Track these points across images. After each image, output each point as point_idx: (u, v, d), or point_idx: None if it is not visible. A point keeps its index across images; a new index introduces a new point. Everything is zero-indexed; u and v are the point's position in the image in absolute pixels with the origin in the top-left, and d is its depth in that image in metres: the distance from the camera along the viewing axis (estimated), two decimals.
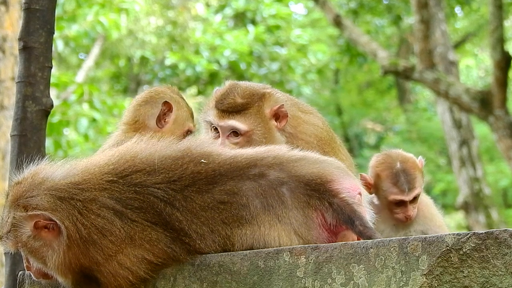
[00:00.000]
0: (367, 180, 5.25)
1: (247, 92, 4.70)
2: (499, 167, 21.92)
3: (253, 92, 4.72)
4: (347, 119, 29.76)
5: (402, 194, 5.23)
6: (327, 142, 4.87)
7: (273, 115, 4.69)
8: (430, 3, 17.39)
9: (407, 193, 5.22)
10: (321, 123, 4.92)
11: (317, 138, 4.83)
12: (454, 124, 18.80)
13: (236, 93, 4.70)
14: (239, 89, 4.72)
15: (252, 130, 4.63)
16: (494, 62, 16.22)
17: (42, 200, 3.80)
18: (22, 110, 5.03)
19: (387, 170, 5.27)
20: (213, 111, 4.69)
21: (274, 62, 23.98)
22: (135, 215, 3.78)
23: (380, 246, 3.49)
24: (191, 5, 24.33)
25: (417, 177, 5.27)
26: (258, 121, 4.66)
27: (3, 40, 10.20)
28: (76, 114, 16.12)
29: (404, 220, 5.28)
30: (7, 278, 4.93)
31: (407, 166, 5.28)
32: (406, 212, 5.26)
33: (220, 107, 4.66)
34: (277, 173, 3.84)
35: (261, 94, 4.71)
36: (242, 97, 4.68)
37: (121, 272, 3.77)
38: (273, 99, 4.71)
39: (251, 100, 4.68)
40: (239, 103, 4.66)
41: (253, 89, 4.75)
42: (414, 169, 5.28)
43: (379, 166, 5.32)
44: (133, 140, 4.02)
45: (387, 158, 5.35)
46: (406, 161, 5.30)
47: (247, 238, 3.78)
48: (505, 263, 3.33)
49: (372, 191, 5.30)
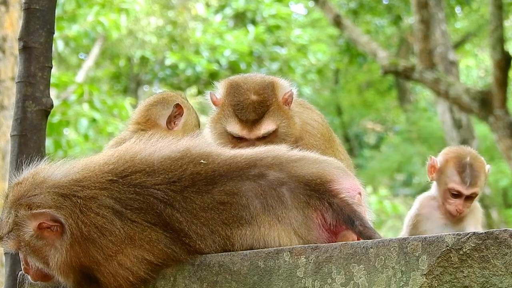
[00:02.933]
0: (434, 164, 5.35)
1: (261, 93, 4.64)
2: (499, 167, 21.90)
3: (264, 87, 4.66)
4: (347, 119, 29.75)
5: (463, 185, 5.30)
6: (327, 139, 4.88)
7: (285, 102, 4.68)
8: (430, 3, 17.39)
9: (467, 187, 5.31)
10: (320, 119, 4.93)
11: (319, 133, 4.84)
12: (454, 124, 18.80)
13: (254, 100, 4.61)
14: (253, 95, 4.63)
15: (278, 125, 4.62)
16: (494, 62, 16.22)
17: (45, 198, 3.80)
18: (22, 110, 5.03)
19: (457, 159, 5.39)
20: (237, 124, 4.61)
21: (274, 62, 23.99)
22: (134, 216, 3.78)
23: (380, 246, 3.49)
24: (191, 5, 24.33)
25: (481, 177, 5.37)
26: (280, 114, 4.63)
27: (3, 40, 10.20)
28: (76, 114, 16.12)
29: (454, 213, 5.32)
30: (7, 278, 4.93)
31: (476, 163, 5.40)
32: (458, 206, 5.31)
33: (244, 119, 4.59)
34: (277, 173, 3.84)
35: (271, 86, 4.67)
36: (260, 102, 4.61)
37: (121, 272, 3.77)
38: (280, 85, 4.71)
39: (268, 98, 4.63)
40: (260, 111, 4.60)
41: (262, 85, 4.68)
42: (481, 168, 5.38)
43: (450, 153, 5.44)
44: (132, 140, 4.02)
45: (460, 149, 5.52)
46: (476, 159, 5.43)
47: (247, 238, 3.78)
48: (505, 263, 3.33)
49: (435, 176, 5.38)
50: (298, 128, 4.69)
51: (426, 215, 5.42)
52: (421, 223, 5.42)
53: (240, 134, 4.58)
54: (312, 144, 4.73)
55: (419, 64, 17.21)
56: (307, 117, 4.86)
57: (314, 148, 4.63)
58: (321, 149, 4.69)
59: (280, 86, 4.71)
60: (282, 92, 4.69)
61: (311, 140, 4.77)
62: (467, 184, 5.31)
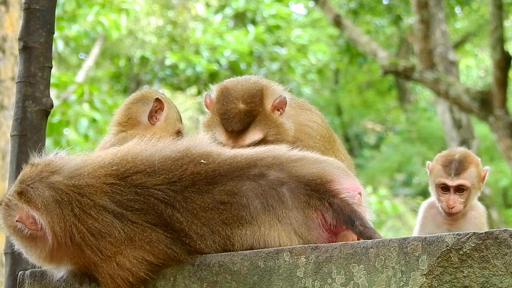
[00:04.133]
0: (429, 167, 5.36)
1: (248, 102, 4.60)
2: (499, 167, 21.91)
3: (252, 95, 4.62)
4: (347, 119, 29.75)
5: (448, 177, 5.27)
6: (327, 140, 4.86)
7: (275, 108, 4.67)
8: (430, 3, 17.39)
9: (452, 178, 5.25)
10: (320, 120, 4.90)
11: (318, 134, 4.82)
12: (454, 124, 18.80)
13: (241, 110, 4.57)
14: (240, 104, 4.60)
15: (265, 134, 4.61)
16: (494, 62, 16.22)
17: (39, 197, 3.78)
18: (22, 110, 5.03)
19: (445, 157, 5.40)
20: (223, 133, 4.60)
21: (274, 62, 23.99)
22: (135, 217, 3.78)
23: (380, 246, 3.49)
24: (191, 5, 24.33)
25: (470, 170, 5.31)
26: (267, 122, 4.60)
27: (3, 40, 10.20)
28: (76, 114, 16.12)
29: (447, 210, 5.27)
30: (7, 278, 4.93)
31: (464, 157, 5.36)
32: (449, 201, 5.27)
33: (229, 129, 4.57)
34: (277, 173, 3.84)
35: (260, 94, 4.64)
36: (247, 112, 4.58)
37: (120, 273, 3.76)
38: (270, 92, 4.66)
39: (255, 107, 4.60)
40: (246, 121, 4.57)
41: (250, 92, 4.64)
42: (470, 163, 5.33)
43: (441, 153, 5.45)
44: (135, 140, 4.01)
45: (452, 149, 5.53)
46: (466, 155, 5.39)
47: (247, 238, 3.78)
48: (505, 263, 3.33)
49: (430, 177, 5.39)
50: (291, 133, 4.65)
51: (430, 220, 5.40)
52: (427, 228, 5.40)
53: (226, 143, 4.57)
54: (311, 146, 4.71)
55: (419, 64, 17.21)
56: (305, 119, 4.84)
57: (313, 150, 4.61)
58: (321, 151, 4.67)
59: (269, 93, 4.64)
60: (272, 99, 4.63)
61: (310, 142, 4.75)
62: (452, 175, 5.26)
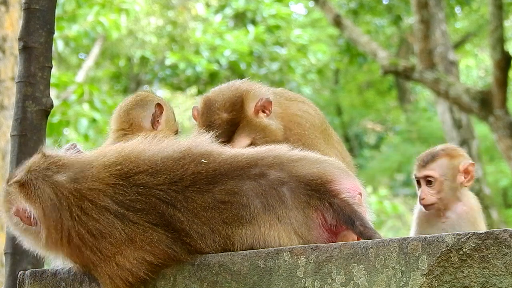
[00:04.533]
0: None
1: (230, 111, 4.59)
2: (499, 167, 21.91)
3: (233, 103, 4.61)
4: (347, 119, 29.74)
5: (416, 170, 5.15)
6: (319, 130, 4.82)
7: (258, 111, 4.66)
8: (430, 3, 17.39)
9: (419, 169, 5.13)
10: (312, 111, 4.86)
11: (308, 122, 4.78)
12: (454, 124, 18.79)
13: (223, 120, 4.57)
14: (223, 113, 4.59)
15: (253, 138, 4.61)
16: (494, 62, 16.22)
17: (38, 196, 3.78)
18: (22, 110, 5.03)
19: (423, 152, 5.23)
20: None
21: (274, 62, 23.99)
22: (136, 217, 3.78)
23: (380, 246, 3.49)
24: (191, 5, 24.33)
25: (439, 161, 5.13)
26: (252, 127, 4.61)
27: (3, 40, 10.20)
28: (76, 114, 16.12)
29: (421, 203, 5.12)
30: (7, 278, 4.93)
31: (438, 151, 5.18)
32: (421, 194, 5.13)
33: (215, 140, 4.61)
34: (278, 173, 3.84)
35: (240, 101, 4.61)
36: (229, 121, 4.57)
37: (119, 273, 3.76)
38: (251, 96, 4.66)
39: (237, 115, 4.60)
40: (230, 130, 4.57)
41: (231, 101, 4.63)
42: (441, 155, 5.15)
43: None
44: (138, 140, 4.01)
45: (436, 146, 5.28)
46: (442, 148, 5.19)
47: (247, 238, 3.78)
48: (505, 263, 3.33)
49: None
50: (280, 133, 4.65)
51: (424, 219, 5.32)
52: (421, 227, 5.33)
53: None
54: (300, 134, 4.69)
55: (419, 64, 17.21)
56: (296, 109, 4.81)
57: (303, 138, 4.61)
58: (310, 138, 4.66)
59: (250, 97, 4.64)
60: (253, 103, 4.63)
61: (299, 130, 4.73)
62: (419, 166, 5.15)
